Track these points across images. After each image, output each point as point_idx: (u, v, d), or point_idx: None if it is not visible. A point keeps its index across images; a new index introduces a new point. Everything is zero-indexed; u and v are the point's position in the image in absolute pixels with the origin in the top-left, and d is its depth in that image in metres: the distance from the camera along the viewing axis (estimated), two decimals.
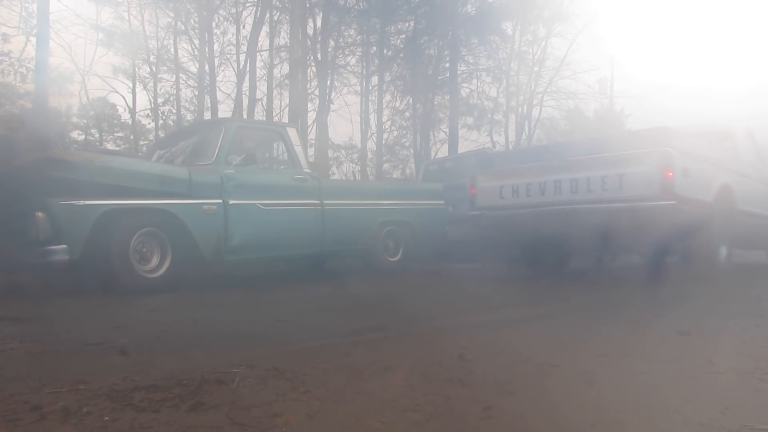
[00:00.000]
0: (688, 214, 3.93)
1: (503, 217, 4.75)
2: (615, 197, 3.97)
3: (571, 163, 4.35)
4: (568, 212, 4.20)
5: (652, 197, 3.78)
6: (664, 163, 3.78)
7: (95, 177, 4.29)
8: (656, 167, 3.81)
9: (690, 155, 4.05)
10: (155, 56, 14.67)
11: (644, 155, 3.95)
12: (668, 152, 3.81)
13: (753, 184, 5.39)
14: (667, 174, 3.76)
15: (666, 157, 3.82)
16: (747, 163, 5.41)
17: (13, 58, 10.79)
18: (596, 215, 4.03)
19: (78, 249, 4.09)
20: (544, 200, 4.39)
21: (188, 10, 13.89)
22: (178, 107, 14.70)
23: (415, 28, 15.02)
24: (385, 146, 17.19)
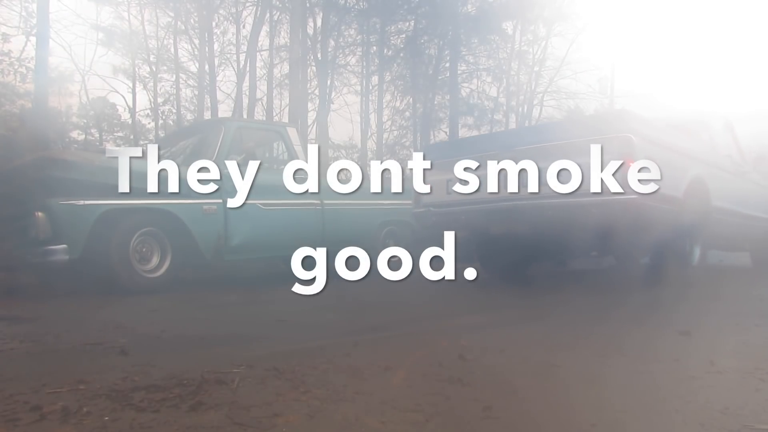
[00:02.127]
0: (653, 211, 3.52)
1: (449, 215, 4.29)
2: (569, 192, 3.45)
3: (520, 153, 3.75)
4: (516, 209, 3.70)
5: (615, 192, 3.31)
6: (624, 151, 3.30)
7: (95, 177, 4.29)
8: (614, 156, 3.29)
9: (655, 143, 3.62)
10: (155, 56, 14.67)
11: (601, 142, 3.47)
12: (628, 138, 3.38)
13: (732, 179, 4.97)
14: (626, 164, 3.31)
15: (626, 144, 3.37)
16: (725, 157, 5.01)
17: (13, 58, 10.79)
18: (547, 212, 3.60)
19: (78, 249, 4.09)
20: (491, 195, 3.81)
21: (188, 9, 13.88)
22: (178, 107, 14.69)
23: (415, 27, 15.02)
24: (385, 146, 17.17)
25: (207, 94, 13.52)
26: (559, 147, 3.61)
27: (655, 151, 3.55)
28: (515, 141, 4.01)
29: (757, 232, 5.69)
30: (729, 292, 4.07)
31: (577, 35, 15.87)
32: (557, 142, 3.72)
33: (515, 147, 3.89)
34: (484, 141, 4.47)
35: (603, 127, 3.61)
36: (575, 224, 3.59)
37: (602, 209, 3.36)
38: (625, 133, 3.42)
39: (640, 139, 3.45)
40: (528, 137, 4.00)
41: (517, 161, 3.59)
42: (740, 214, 5.04)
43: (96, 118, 16.03)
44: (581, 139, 3.49)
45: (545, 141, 3.79)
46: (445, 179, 4.19)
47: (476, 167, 3.81)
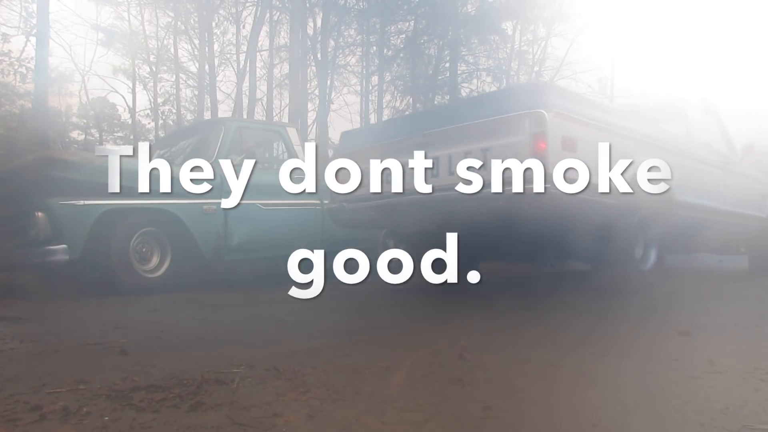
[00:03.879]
0: (580, 206, 2.93)
1: (361, 211, 3.69)
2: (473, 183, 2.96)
3: (430, 138, 3.24)
4: (423, 203, 3.14)
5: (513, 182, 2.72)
6: (535, 131, 2.73)
7: (95, 177, 4.29)
8: (526, 137, 2.74)
9: (582, 123, 3.02)
10: (155, 56, 14.67)
11: (511, 121, 2.87)
12: (540, 116, 2.76)
13: (711, 172, 4.36)
14: (537, 146, 2.71)
15: (537, 123, 2.76)
16: (702, 146, 4.41)
17: (13, 58, 10.79)
18: (453, 206, 3.04)
19: (78, 249, 4.09)
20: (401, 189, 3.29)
21: (188, 9, 13.88)
22: (178, 107, 14.70)
23: (415, 28, 15.02)
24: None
25: (207, 94, 13.53)
26: (466, 130, 3.08)
27: (582, 133, 2.96)
28: (427, 124, 3.38)
29: (750, 232, 5.14)
30: (729, 293, 4.07)
31: (577, 35, 15.90)
32: (464, 124, 3.12)
33: (426, 131, 3.31)
34: (396, 125, 3.76)
35: (512, 103, 2.92)
36: (483, 221, 3.06)
37: (509, 204, 2.75)
38: (537, 109, 2.78)
39: (558, 117, 2.82)
40: (441, 119, 3.37)
41: (425, 148, 3.15)
42: (723, 212, 4.46)
43: (96, 118, 16.04)
44: (488, 119, 2.96)
45: (455, 123, 3.19)
46: (358, 170, 3.64)
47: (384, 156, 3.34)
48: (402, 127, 3.59)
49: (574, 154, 2.80)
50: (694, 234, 4.21)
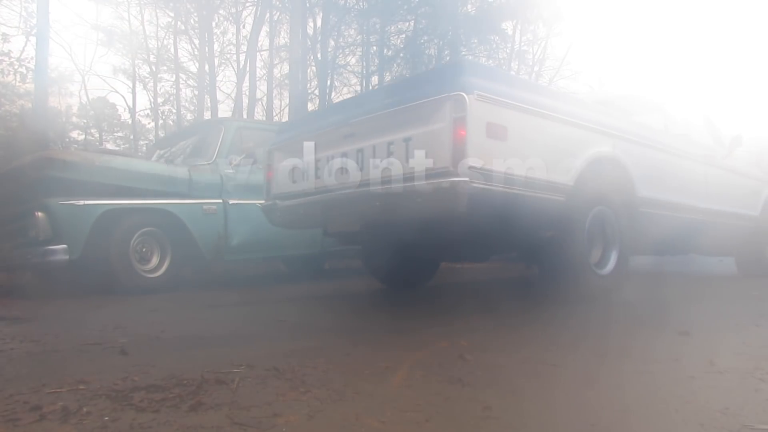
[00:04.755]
0: (512, 201, 2.57)
1: (292, 209, 3.37)
2: (399, 175, 2.60)
3: (356, 128, 2.93)
4: (346, 199, 2.88)
5: (442, 172, 2.41)
6: (455, 116, 2.40)
7: (95, 177, 4.29)
8: (447, 124, 2.43)
9: (514, 108, 2.64)
10: (155, 56, 14.69)
11: (431, 106, 2.52)
12: (459, 99, 2.39)
13: (684, 165, 3.94)
14: (457, 134, 2.38)
15: (457, 108, 2.40)
16: (679, 137, 4.03)
17: (13, 58, 10.80)
18: (374, 202, 2.75)
19: (78, 249, 4.10)
20: (332, 183, 3.04)
21: (188, 9, 13.89)
22: (178, 107, 14.71)
23: (415, 28, 15.02)
24: None
25: (207, 94, 13.53)
26: (388, 118, 2.77)
27: (517, 120, 2.64)
28: (356, 112, 3.03)
29: (738, 233, 4.73)
30: (729, 292, 4.07)
31: (577, 35, 15.91)
32: (386, 111, 2.80)
33: (352, 120, 3.00)
34: (329, 114, 3.43)
35: (435, 85, 2.58)
36: (405, 220, 2.81)
37: (428, 200, 2.47)
38: (457, 91, 2.41)
39: (482, 100, 2.46)
40: (368, 106, 2.99)
41: (357, 137, 2.90)
42: (704, 211, 4.07)
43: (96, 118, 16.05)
44: (408, 105, 2.65)
45: (379, 110, 2.85)
46: (291, 164, 3.44)
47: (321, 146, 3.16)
48: (333, 116, 3.25)
49: (503, 143, 2.54)
50: (667, 234, 3.79)
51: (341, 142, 2.99)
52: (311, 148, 3.24)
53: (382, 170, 2.69)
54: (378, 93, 3.59)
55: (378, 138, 2.75)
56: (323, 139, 3.16)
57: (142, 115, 16.68)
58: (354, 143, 2.90)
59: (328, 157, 3.08)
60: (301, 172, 3.31)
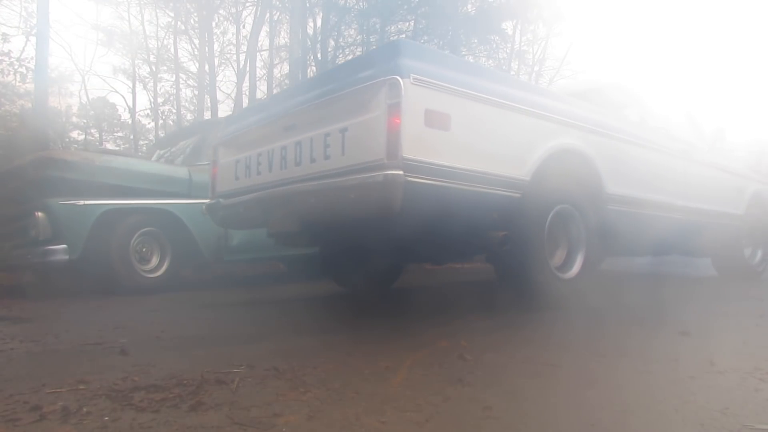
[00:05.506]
0: (456, 197, 2.35)
1: (234, 208, 3.14)
2: (335, 169, 2.39)
3: (296, 119, 2.73)
4: (286, 198, 2.66)
5: (376, 166, 2.18)
6: (389, 102, 2.17)
7: (95, 177, 4.30)
8: (382, 112, 2.20)
9: (459, 94, 2.40)
10: (155, 56, 14.70)
11: (365, 92, 2.29)
12: (393, 83, 2.16)
13: (660, 160, 3.67)
14: (392, 122, 2.15)
15: (391, 93, 2.17)
16: (655, 130, 3.77)
17: (13, 58, 10.80)
18: (313, 201, 2.52)
19: (78, 249, 4.10)
20: (271, 180, 2.85)
21: (188, 9, 13.90)
22: (178, 107, 14.73)
23: (415, 28, 15.02)
24: None
25: (207, 94, 13.55)
26: (324, 107, 2.56)
27: (463, 108, 2.39)
28: (297, 102, 2.81)
29: (719, 233, 4.42)
30: (729, 292, 4.06)
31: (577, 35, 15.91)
32: (322, 99, 2.58)
33: (291, 111, 2.79)
34: (271, 105, 3.13)
35: (371, 69, 2.35)
36: (341, 218, 2.59)
37: (361, 196, 2.25)
38: (391, 74, 2.18)
39: (419, 84, 2.23)
40: (309, 95, 2.76)
41: (296, 130, 2.69)
42: (682, 209, 3.82)
43: (96, 118, 16.07)
44: (343, 91, 2.44)
45: (317, 99, 2.64)
46: (234, 160, 3.22)
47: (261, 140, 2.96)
48: (274, 107, 3.00)
49: (445, 133, 2.30)
50: (640, 234, 3.51)
51: (282, 135, 2.78)
52: (252, 142, 3.05)
53: (317, 164, 2.50)
54: (317, 80, 3.21)
55: (316, 129, 2.53)
56: (264, 132, 2.96)
57: (142, 115, 16.70)
58: (293, 136, 2.69)
59: (268, 151, 2.88)
60: (244, 167, 3.10)
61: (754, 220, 4.88)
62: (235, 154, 3.22)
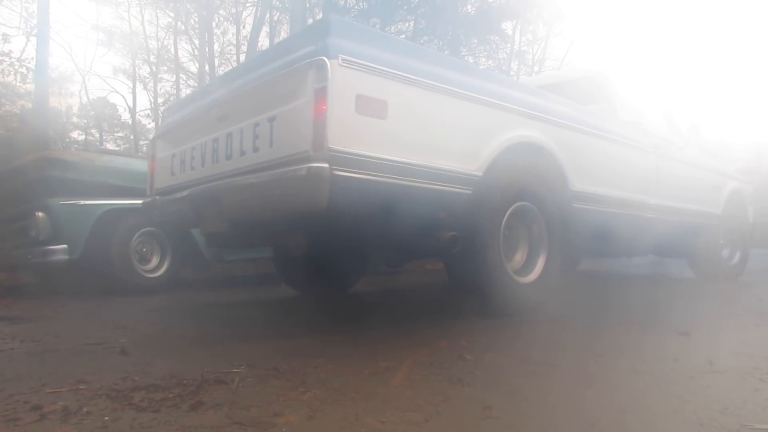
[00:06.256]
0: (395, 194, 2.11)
1: (168, 206, 2.89)
2: (263, 163, 2.19)
3: (228, 108, 2.52)
4: (213, 195, 2.45)
5: (302, 158, 1.97)
6: (316, 87, 1.95)
7: (96, 177, 4.30)
8: (309, 97, 1.98)
9: (399, 77, 2.15)
10: (155, 56, 14.70)
11: (293, 77, 2.08)
12: (320, 65, 1.95)
13: (631, 155, 3.48)
14: (318, 109, 1.94)
15: (318, 76, 1.95)
16: (628, 124, 3.57)
17: (13, 58, 10.80)
18: (239, 198, 2.33)
19: (78, 249, 4.10)
20: (202, 175, 2.62)
21: (188, 10, 13.91)
22: None
23: (415, 28, 15.03)
24: None
25: None
26: (253, 94, 2.35)
27: (402, 94, 2.16)
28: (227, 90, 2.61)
29: (696, 232, 4.26)
30: (728, 293, 4.06)
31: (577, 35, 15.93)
32: (251, 86, 2.38)
33: (222, 100, 2.58)
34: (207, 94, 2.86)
35: (300, 51, 2.12)
36: (270, 216, 2.33)
37: (287, 191, 2.04)
38: (318, 56, 1.97)
39: (349, 66, 1.99)
40: (239, 82, 2.55)
41: (228, 120, 2.47)
42: (654, 207, 3.62)
43: (96, 118, 16.07)
44: (270, 77, 2.24)
45: (243, 87, 2.44)
46: (170, 154, 2.95)
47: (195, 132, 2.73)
48: (209, 95, 2.76)
49: (381, 121, 2.06)
50: (609, 234, 3.28)
51: (215, 127, 2.55)
52: (188, 134, 2.81)
53: (247, 158, 2.29)
54: (250, 65, 2.88)
55: (247, 119, 2.30)
56: (199, 124, 2.72)
57: (142, 115, 16.70)
58: (226, 127, 2.46)
59: (202, 144, 2.63)
60: (179, 162, 2.85)
61: (732, 219, 4.74)
62: (172, 147, 2.97)
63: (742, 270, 4.95)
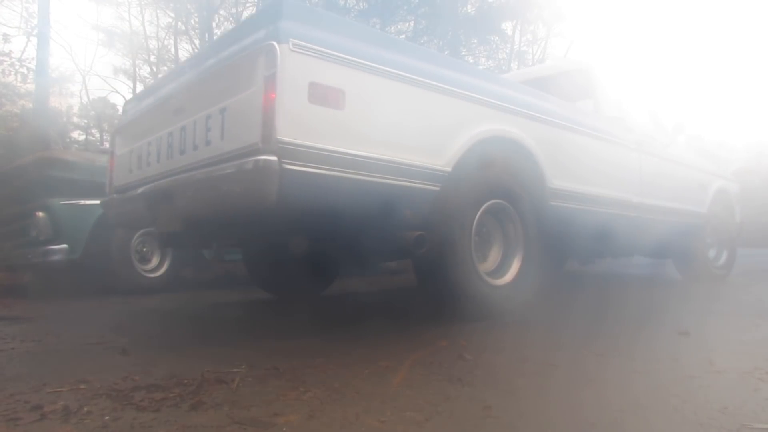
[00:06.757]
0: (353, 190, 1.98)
1: (123, 205, 2.77)
2: (214, 157, 2.05)
3: (182, 100, 2.38)
4: (165, 192, 2.31)
5: (251, 151, 1.84)
6: (266, 74, 1.82)
7: (96, 177, 4.30)
8: (259, 86, 1.85)
9: (358, 65, 2.01)
10: (156, 56, 14.70)
11: (244, 63, 1.96)
12: (270, 50, 1.81)
13: (613, 152, 3.36)
14: (267, 98, 1.80)
15: (268, 62, 1.82)
16: (611, 120, 3.47)
17: (13, 59, 10.81)
18: (190, 195, 2.17)
19: (79, 249, 4.11)
20: (157, 171, 2.48)
21: (188, 10, 13.91)
22: None
23: (415, 28, 15.05)
24: None
25: None
26: (205, 85, 2.23)
27: (363, 83, 2.02)
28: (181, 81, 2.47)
29: (680, 232, 4.11)
30: (728, 293, 4.06)
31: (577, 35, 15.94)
32: (202, 76, 2.28)
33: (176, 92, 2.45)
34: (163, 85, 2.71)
35: (248, 37, 2.02)
36: (222, 214, 2.17)
37: (235, 187, 1.91)
38: (269, 40, 1.83)
39: (301, 51, 1.85)
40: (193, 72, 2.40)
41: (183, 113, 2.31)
42: (637, 206, 3.49)
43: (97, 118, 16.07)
44: (221, 66, 2.13)
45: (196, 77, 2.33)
46: (128, 150, 2.81)
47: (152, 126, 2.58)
48: (166, 87, 2.60)
49: (337, 112, 1.93)
50: (589, 234, 3.16)
51: (171, 120, 2.39)
52: (146, 128, 2.67)
53: (199, 152, 2.14)
54: (205, 53, 2.70)
55: (200, 111, 2.15)
56: (156, 117, 2.57)
57: None
58: (181, 120, 2.30)
59: (158, 138, 2.48)
60: (137, 158, 2.70)
61: (718, 218, 4.66)
62: (131, 143, 2.83)
63: (729, 270, 4.87)
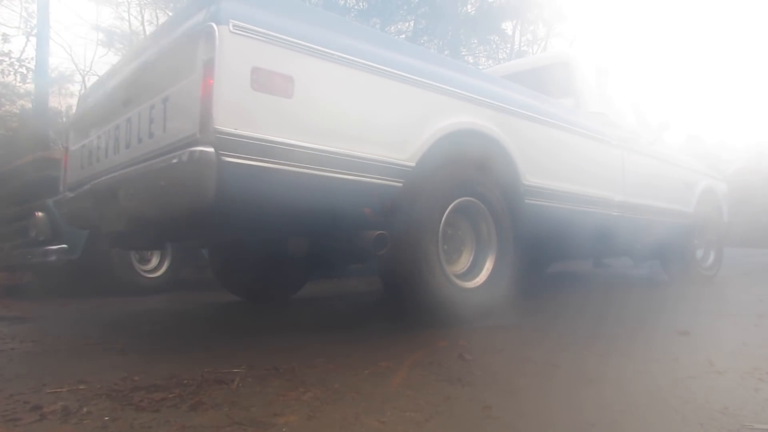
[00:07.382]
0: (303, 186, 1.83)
1: (72, 203, 2.62)
2: (155, 150, 1.90)
3: (129, 90, 2.23)
4: (108, 189, 2.16)
5: (189, 142, 1.70)
6: (205, 58, 1.68)
7: None
8: (198, 72, 1.70)
9: (309, 50, 1.85)
10: None
11: (184, 49, 1.84)
12: (209, 32, 1.67)
13: (595, 149, 3.22)
14: (205, 85, 1.67)
15: (207, 46, 1.68)
16: (593, 116, 3.36)
17: (13, 58, 10.80)
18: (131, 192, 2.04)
19: (78, 249, 4.10)
20: (105, 166, 2.31)
21: None
22: None
23: (415, 28, 15.03)
24: None
25: None
26: (145, 73, 2.11)
27: (315, 69, 1.87)
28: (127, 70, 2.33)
29: (666, 232, 3.96)
30: (728, 293, 4.06)
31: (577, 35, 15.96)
32: (140, 63, 2.14)
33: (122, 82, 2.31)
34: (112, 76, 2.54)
35: (187, 20, 1.89)
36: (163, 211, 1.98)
37: (171, 182, 1.76)
38: (208, 22, 1.70)
39: (243, 33, 1.71)
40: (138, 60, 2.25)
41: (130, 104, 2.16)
42: (620, 205, 3.36)
43: None
44: (161, 53, 2.01)
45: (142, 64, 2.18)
46: (81, 145, 2.65)
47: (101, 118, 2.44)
48: (114, 78, 2.44)
49: (285, 100, 1.78)
50: (567, 234, 3.01)
51: (120, 112, 2.24)
52: (96, 122, 2.52)
53: (143, 145, 1.99)
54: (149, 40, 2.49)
55: (145, 102, 2.01)
56: (106, 110, 2.42)
57: None
58: (128, 111, 2.15)
59: (106, 132, 2.33)
60: (87, 153, 2.53)
61: (705, 218, 4.56)
62: (83, 137, 2.67)
63: (717, 271, 4.80)
